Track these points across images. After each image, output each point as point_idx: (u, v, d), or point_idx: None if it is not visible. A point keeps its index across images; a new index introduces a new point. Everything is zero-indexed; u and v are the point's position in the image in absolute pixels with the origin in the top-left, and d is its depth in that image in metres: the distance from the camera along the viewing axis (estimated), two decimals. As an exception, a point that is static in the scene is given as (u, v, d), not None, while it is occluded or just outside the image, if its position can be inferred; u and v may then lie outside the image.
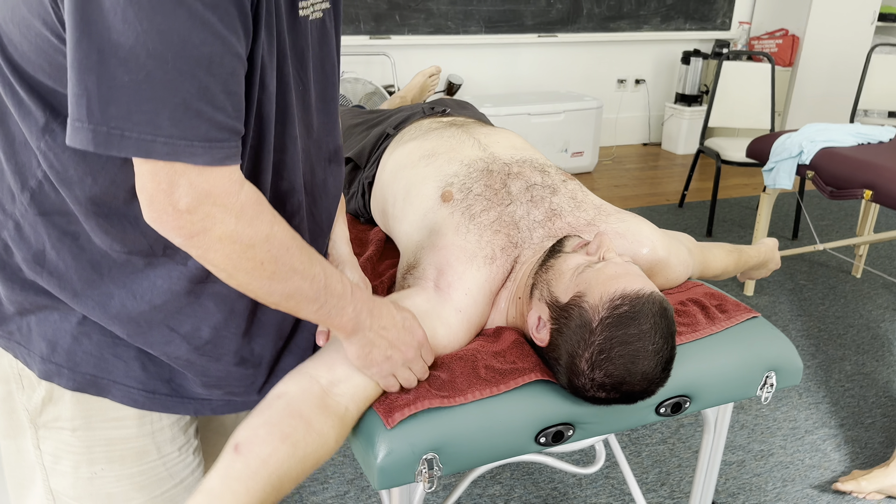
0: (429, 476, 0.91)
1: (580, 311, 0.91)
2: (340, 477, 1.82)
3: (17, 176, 0.74)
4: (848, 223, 3.75)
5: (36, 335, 0.81)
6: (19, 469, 0.91)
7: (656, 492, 1.80)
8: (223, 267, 0.70)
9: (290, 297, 0.76)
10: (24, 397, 0.85)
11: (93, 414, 0.84)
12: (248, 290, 0.74)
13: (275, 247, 0.71)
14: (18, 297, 0.79)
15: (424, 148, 1.26)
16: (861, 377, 2.33)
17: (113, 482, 0.88)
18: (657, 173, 4.60)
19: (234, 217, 0.67)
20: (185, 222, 0.65)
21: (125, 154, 0.61)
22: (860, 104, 3.75)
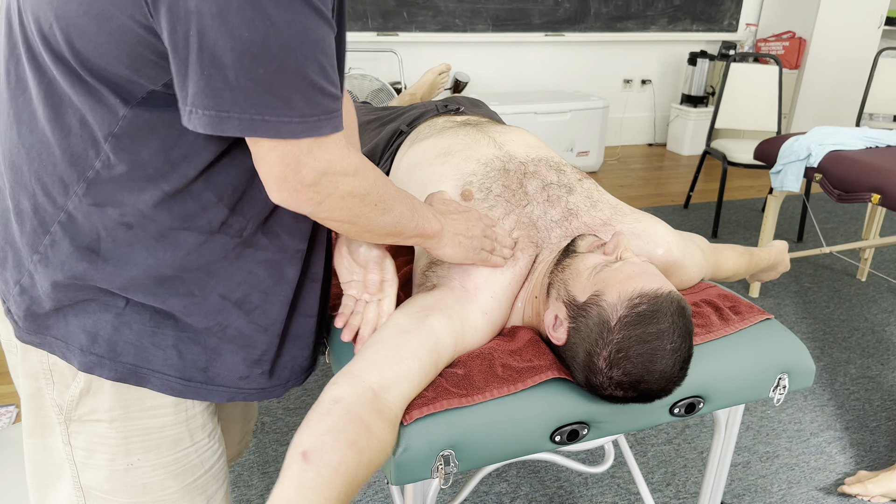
0: (445, 473, 0.91)
1: (598, 310, 0.91)
2: (347, 472, 1.83)
3: (73, 168, 0.76)
4: (853, 226, 3.75)
5: (75, 328, 0.82)
6: (44, 468, 0.91)
7: (662, 492, 1.81)
8: (347, 219, 0.80)
9: (397, 224, 0.87)
10: (56, 392, 0.86)
11: (131, 404, 0.86)
12: (366, 231, 0.84)
13: (380, 187, 0.82)
14: (60, 292, 0.81)
15: (440, 146, 1.26)
16: (866, 380, 2.34)
17: (149, 472, 0.90)
18: (662, 174, 4.60)
19: (351, 176, 0.77)
20: (313, 193, 0.75)
21: (267, 136, 0.69)
22: (866, 108, 3.75)
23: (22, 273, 0.82)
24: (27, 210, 0.79)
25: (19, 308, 0.83)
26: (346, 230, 0.83)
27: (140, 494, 0.90)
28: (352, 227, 0.83)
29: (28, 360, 0.86)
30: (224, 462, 0.99)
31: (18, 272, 0.82)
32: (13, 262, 0.83)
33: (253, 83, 0.66)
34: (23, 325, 0.84)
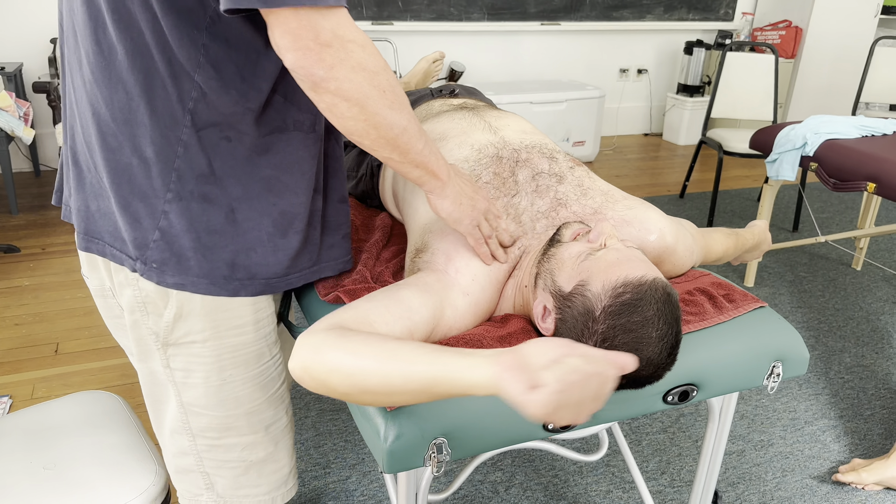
0: (437, 461, 0.91)
1: (583, 300, 0.90)
2: (342, 462, 1.83)
3: (179, 103, 0.87)
4: (849, 216, 3.75)
5: (216, 262, 0.94)
6: (154, 387, 1.04)
7: (657, 480, 1.81)
8: (356, 98, 0.80)
9: (405, 131, 0.86)
10: (151, 321, 0.97)
11: (220, 324, 0.97)
12: (374, 124, 0.83)
13: (390, 76, 0.83)
14: (195, 222, 0.92)
15: (435, 130, 1.26)
16: (861, 369, 2.34)
17: (240, 385, 1.02)
18: (658, 164, 4.60)
19: (361, 47, 0.79)
20: (326, 54, 0.76)
21: (284, 5, 0.73)
22: (862, 97, 3.75)
23: (157, 217, 0.91)
24: (151, 156, 0.89)
25: (163, 252, 0.92)
26: (353, 117, 0.82)
27: (234, 407, 1.03)
28: (359, 113, 0.81)
29: (124, 295, 0.97)
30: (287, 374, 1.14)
31: (154, 218, 0.92)
32: (146, 211, 0.92)
33: None
34: (166, 269, 0.93)
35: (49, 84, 3.30)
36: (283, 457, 1.11)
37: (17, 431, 1.23)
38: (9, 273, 2.78)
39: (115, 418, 1.28)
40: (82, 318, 2.47)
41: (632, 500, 1.74)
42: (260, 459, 1.09)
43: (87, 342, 2.32)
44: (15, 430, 1.23)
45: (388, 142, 0.86)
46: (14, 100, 3.18)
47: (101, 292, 1.03)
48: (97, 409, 1.29)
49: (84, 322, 2.44)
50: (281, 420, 1.09)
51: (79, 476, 1.13)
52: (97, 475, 1.13)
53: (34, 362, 2.20)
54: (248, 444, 1.06)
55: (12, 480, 1.11)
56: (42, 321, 2.44)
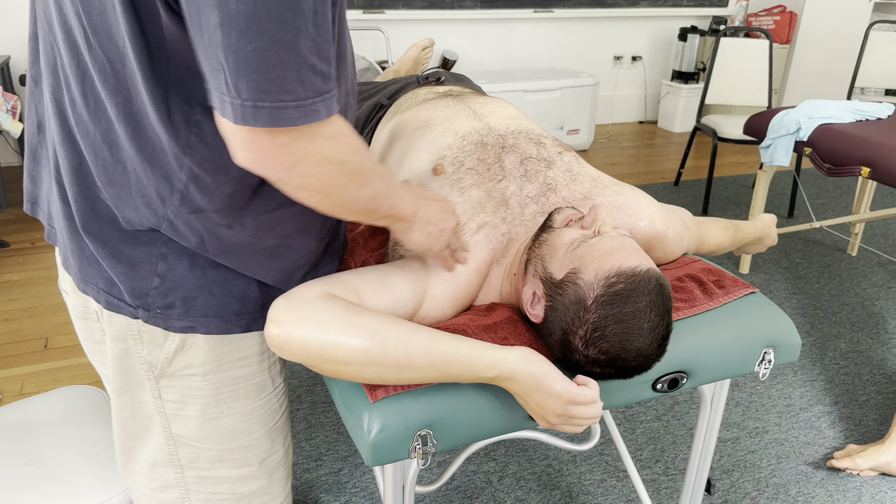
0: (423, 452, 0.89)
1: (575, 289, 0.89)
2: (334, 454, 1.82)
3: (165, 181, 0.78)
4: (844, 201, 3.74)
5: (227, 298, 0.88)
6: (133, 421, 0.96)
7: (651, 468, 1.80)
8: (320, 189, 0.73)
9: (372, 200, 0.80)
10: (146, 351, 0.90)
11: (223, 357, 0.91)
12: (340, 205, 0.77)
13: (360, 157, 0.75)
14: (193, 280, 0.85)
15: (419, 119, 1.23)
16: (856, 355, 2.33)
17: (238, 419, 0.95)
18: (653, 151, 4.58)
19: (330, 139, 0.69)
20: (287, 156, 0.67)
21: (262, 126, 0.63)
22: (857, 81, 3.73)
23: (155, 262, 0.84)
24: (135, 221, 0.81)
25: (165, 298, 0.85)
26: (317, 203, 0.76)
27: (229, 441, 0.96)
28: (323, 200, 0.75)
29: (115, 323, 0.89)
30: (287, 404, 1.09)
31: (151, 263, 0.84)
32: (139, 258, 0.84)
33: (241, 62, 0.60)
34: (172, 314, 0.86)
35: (36, 77, 3.26)
36: (276, 489, 1.05)
37: (1, 427, 1.21)
38: (-2, 268, 2.76)
39: (99, 413, 1.26)
40: (72, 312, 2.45)
41: (625, 489, 1.73)
42: (251, 492, 1.02)
43: (76, 337, 2.30)
44: (-3, 427, 1.21)
45: (355, 213, 0.81)
46: (1, 93, 3.15)
47: (83, 314, 0.94)
48: (81, 405, 1.27)
49: (74, 316, 2.42)
50: (277, 452, 1.03)
51: (62, 472, 1.11)
52: (81, 471, 1.12)
53: (23, 357, 2.18)
54: (239, 476, 1.00)
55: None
56: (31, 316, 2.42)
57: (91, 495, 1.08)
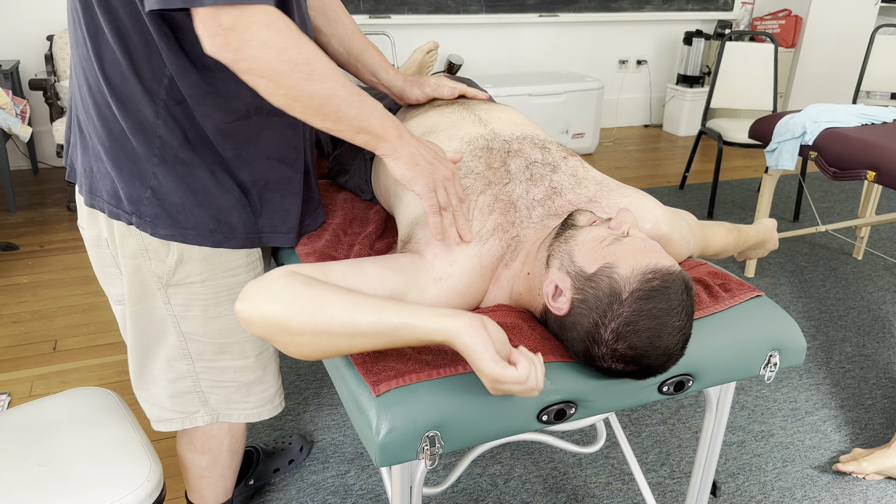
0: (430, 454, 0.90)
1: (610, 282, 0.90)
2: (340, 456, 1.83)
3: (155, 81, 0.98)
4: (850, 205, 3.74)
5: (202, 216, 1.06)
6: (150, 324, 1.15)
7: (656, 472, 1.81)
8: (268, 75, 0.85)
9: (329, 100, 0.89)
10: (154, 265, 1.09)
11: (215, 267, 1.11)
12: (292, 96, 0.88)
13: (305, 50, 0.86)
14: (182, 182, 1.03)
15: (425, 124, 1.25)
16: (861, 359, 2.33)
17: (233, 318, 1.16)
18: (658, 155, 4.58)
19: (265, 26, 0.83)
20: (231, 38, 0.82)
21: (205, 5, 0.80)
22: (863, 85, 3.73)
23: (148, 178, 1.02)
24: (138, 124, 0.99)
25: (156, 208, 1.04)
26: (271, 92, 0.87)
27: (228, 335, 1.17)
28: (276, 89, 0.87)
29: (126, 244, 1.08)
30: None
31: (145, 178, 1.02)
32: (137, 172, 1.02)
33: None
34: (159, 223, 1.04)
35: (46, 81, 3.29)
36: (269, 379, 1.26)
37: (12, 429, 1.22)
38: (7, 271, 2.77)
39: (109, 414, 1.27)
40: (80, 315, 2.47)
41: (631, 492, 1.73)
42: (249, 381, 1.23)
43: (85, 339, 2.32)
44: (9, 428, 1.22)
45: (316, 111, 0.90)
46: (11, 97, 3.17)
47: (96, 242, 1.13)
48: (91, 406, 1.29)
49: (82, 319, 2.44)
50: (269, 349, 1.24)
51: (73, 473, 1.13)
52: (91, 472, 1.13)
53: (32, 360, 2.20)
54: (239, 367, 1.21)
55: (6, 478, 1.11)
56: (40, 318, 2.44)
57: (102, 496, 1.09)
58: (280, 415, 1.98)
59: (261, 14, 0.83)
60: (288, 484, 1.73)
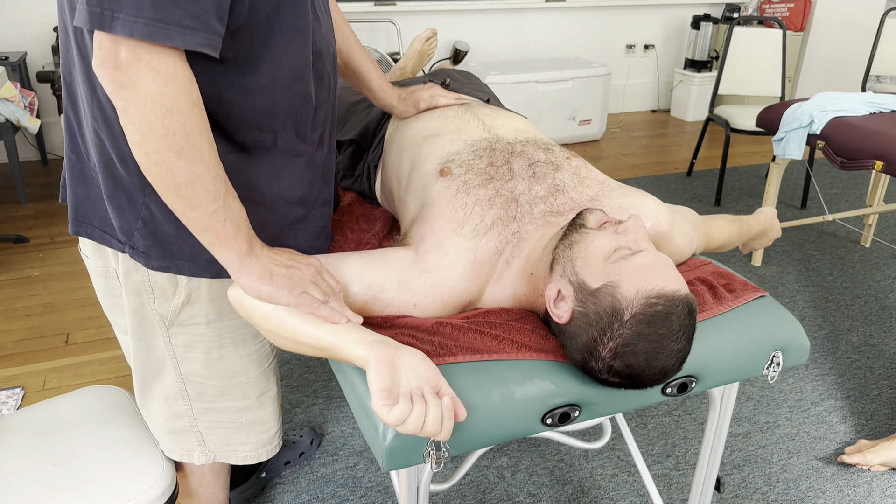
0: (436, 458, 0.92)
1: (612, 301, 0.90)
2: (350, 449, 1.85)
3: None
4: (858, 192, 3.72)
5: (199, 247, 0.99)
6: (150, 362, 1.12)
7: (662, 463, 1.82)
8: (139, 125, 0.78)
9: (191, 184, 0.82)
10: (158, 304, 1.05)
11: (223, 308, 1.08)
12: (152, 162, 0.81)
13: (191, 124, 0.80)
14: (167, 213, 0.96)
15: (428, 128, 1.25)
16: (868, 348, 2.33)
17: (237, 360, 1.14)
18: (666, 141, 4.56)
19: (163, 80, 0.76)
20: (118, 72, 0.75)
21: (112, 32, 0.73)
22: (872, 70, 3.69)
23: (139, 208, 0.97)
24: (127, 154, 0.92)
25: (147, 239, 0.98)
26: (135, 143, 0.80)
27: (230, 378, 1.14)
28: (141, 145, 0.79)
29: (131, 280, 1.04)
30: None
31: (136, 209, 0.97)
32: (128, 203, 0.97)
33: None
34: (151, 254, 0.99)
35: (53, 73, 3.30)
36: (269, 420, 1.23)
37: (26, 428, 1.25)
38: (19, 263, 2.80)
39: (122, 413, 1.29)
40: (92, 308, 2.49)
41: (637, 484, 1.75)
42: (249, 421, 1.21)
43: (97, 332, 2.34)
44: (24, 427, 1.25)
45: (170, 187, 0.82)
46: (19, 90, 3.19)
47: (103, 273, 1.10)
48: (104, 405, 1.31)
49: (94, 312, 2.46)
50: (272, 390, 1.22)
51: (87, 472, 1.15)
52: (105, 471, 1.16)
53: (45, 353, 2.23)
54: (239, 408, 1.18)
55: (23, 477, 1.14)
56: (52, 311, 2.47)
57: (116, 496, 1.11)
58: (290, 407, 2.01)
59: (165, 64, 0.76)
60: (298, 476, 1.76)
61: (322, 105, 1.03)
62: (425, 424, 0.82)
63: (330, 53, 1.03)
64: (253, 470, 1.69)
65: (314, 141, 1.04)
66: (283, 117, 0.97)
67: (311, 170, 1.06)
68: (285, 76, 0.94)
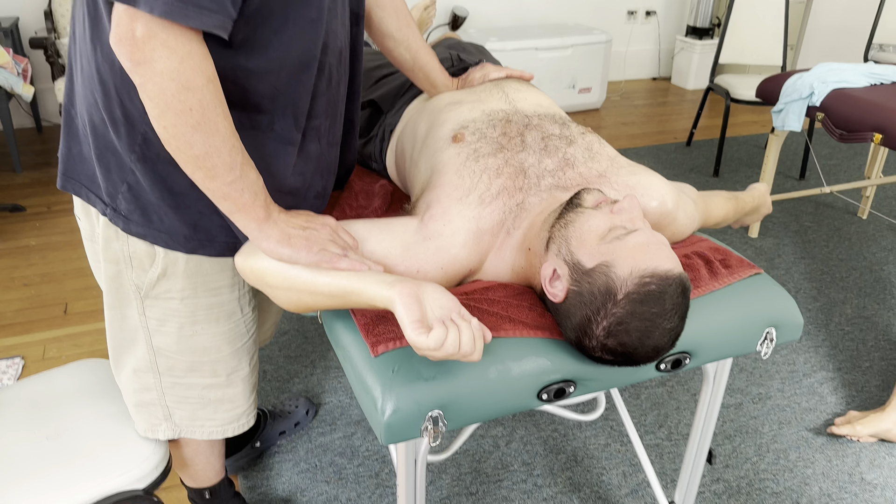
0: (434, 432, 0.93)
1: (607, 280, 0.91)
2: (347, 418, 1.88)
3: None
4: (857, 162, 3.71)
5: (177, 222, 1.01)
6: (121, 332, 1.14)
7: (654, 433, 1.85)
8: (157, 102, 0.81)
9: (209, 156, 0.85)
10: (135, 275, 1.06)
11: (198, 285, 1.08)
12: (171, 136, 0.83)
13: (206, 99, 0.82)
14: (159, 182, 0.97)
15: (454, 97, 1.27)
16: (861, 320, 2.35)
17: (209, 338, 1.14)
18: (666, 110, 4.53)
19: (177, 57, 0.78)
20: (134, 49, 0.77)
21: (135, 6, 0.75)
22: (875, 38, 3.66)
23: (126, 172, 0.97)
24: (119, 117, 0.93)
25: (130, 204, 0.99)
26: (155, 118, 0.83)
27: (201, 354, 1.15)
28: (160, 119, 0.82)
29: (110, 248, 1.05)
30: (257, 329, 1.25)
31: (123, 172, 0.97)
32: (116, 165, 0.98)
33: None
34: (132, 219, 1.00)
35: (46, 39, 3.26)
36: (238, 398, 1.24)
37: (21, 402, 1.26)
38: (16, 233, 2.80)
39: (115, 386, 1.31)
40: (90, 277, 2.50)
41: (629, 454, 1.78)
42: (217, 399, 1.21)
43: (95, 302, 2.35)
44: (18, 401, 1.26)
45: (189, 159, 0.86)
46: (11, 56, 3.15)
47: (90, 237, 1.10)
48: (98, 378, 1.32)
49: (92, 282, 2.47)
50: (243, 369, 1.22)
51: (81, 445, 1.17)
52: (99, 445, 1.17)
53: (44, 323, 2.24)
54: (208, 385, 1.19)
55: (18, 451, 1.15)
56: (50, 281, 2.47)
57: (109, 469, 1.13)
58: (288, 378, 2.03)
59: (180, 42, 0.78)
60: (296, 445, 1.79)
61: (320, 96, 1.02)
62: (461, 345, 0.85)
63: (336, 48, 1.02)
64: (248, 439, 1.72)
65: (310, 131, 1.04)
66: (284, 103, 0.97)
67: (304, 161, 1.05)
68: (292, 65, 0.94)
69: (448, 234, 1.04)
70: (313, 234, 0.98)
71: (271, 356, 2.12)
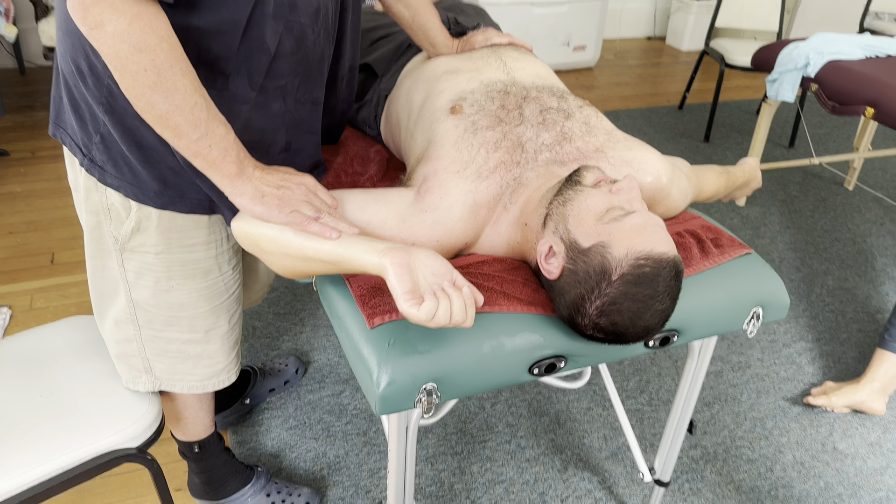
0: (428, 404, 0.95)
1: (602, 261, 0.92)
2: (336, 377, 1.90)
3: None
4: (846, 132, 3.73)
5: (146, 177, 1.00)
6: (103, 283, 1.15)
7: (636, 399, 1.90)
8: (115, 65, 0.81)
9: (171, 115, 0.85)
10: (113, 227, 1.07)
11: (172, 241, 1.08)
12: (133, 97, 0.83)
13: (160, 59, 0.81)
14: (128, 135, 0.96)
15: (450, 65, 1.25)
16: (842, 292, 2.40)
17: (185, 294, 1.15)
18: (659, 71, 4.50)
19: (128, 21, 0.78)
20: (85, 13, 0.77)
21: None
22: (872, 6, 3.63)
23: (98, 123, 0.97)
24: (85, 69, 0.93)
25: (103, 154, 1.00)
26: (118, 80, 0.83)
27: (178, 310, 1.16)
28: (121, 81, 0.82)
29: (90, 198, 1.05)
30: (241, 288, 1.25)
31: (96, 123, 0.98)
32: (89, 116, 0.98)
33: None
34: (106, 170, 1.00)
35: (28, -23, 3.15)
36: (218, 355, 1.25)
37: (13, 358, 1.26)
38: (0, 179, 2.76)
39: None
40: (76, 226, 2.48)
41: (611, 418, 1.83)
42: (196, 354, 1.23)
43: (82, 252, 2.34)
44: (10, 357, 1.26)
45: (155, 119, 0.86)
46: (-7, -6, 3.05)
47: (75, 187, 1.10)
48: (90, 335, 1.32)
49: (78, 231, 2.45)
50: (222, 327, 1.23)
51: (75, 404, 1.17)
52: (92, 403, 1.18)
53: (31, 272, 2.23)
54: (187, 340, 1.20)
55: (11, 409, 1.16)
56: (36, 230, 2.45)
57: (103, 427, 1.14)
58: (278, 335, 2.04)
59: (127, 4, 0.78)
60: (286, 402, 1.81)
61: (286, 56, 0.99)
62: (453, 315, 0.87)
63: (311, 7, 0.99)
64: (238, 395, 1.74)
65: (273, 90, 1.01)
66: (238, 63, 0.94)
67: (265, 118, 1.02)
68: (242, 24, 0.91)
69: (445, 208, 1.04)
70: (287, 194, 0.97)
71: (261, 312, 2.13)
